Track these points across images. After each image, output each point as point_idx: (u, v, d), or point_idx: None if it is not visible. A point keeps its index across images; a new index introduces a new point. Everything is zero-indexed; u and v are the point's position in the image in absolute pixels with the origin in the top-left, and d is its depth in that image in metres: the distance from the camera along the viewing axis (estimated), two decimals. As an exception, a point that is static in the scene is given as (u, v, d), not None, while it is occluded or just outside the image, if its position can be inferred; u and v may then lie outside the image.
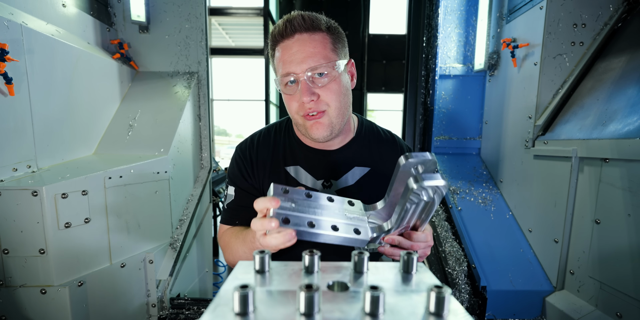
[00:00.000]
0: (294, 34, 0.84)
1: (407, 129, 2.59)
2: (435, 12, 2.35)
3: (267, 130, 1.04)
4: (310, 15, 0.86)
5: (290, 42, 0.84)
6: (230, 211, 0.99)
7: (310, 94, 0.83)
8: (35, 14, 1.50)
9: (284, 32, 0.84)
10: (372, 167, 1.00)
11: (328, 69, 0.84)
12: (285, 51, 0.84)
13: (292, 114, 0.91)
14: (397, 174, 0.61)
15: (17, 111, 1.32)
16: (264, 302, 0.34)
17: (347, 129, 0.98)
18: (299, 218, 0.61)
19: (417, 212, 0.63)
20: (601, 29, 1.69)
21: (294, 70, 0.83)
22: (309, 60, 0.82)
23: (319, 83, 0.84)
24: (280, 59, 0.86)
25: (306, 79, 0.83)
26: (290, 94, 0.87)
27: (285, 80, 0.85)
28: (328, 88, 0.85)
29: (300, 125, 0.90)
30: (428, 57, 2.45)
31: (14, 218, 1.22)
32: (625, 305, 1.27)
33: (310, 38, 0.84)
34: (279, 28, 0.85)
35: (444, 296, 0.32)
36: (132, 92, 2.07)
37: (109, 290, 1.49)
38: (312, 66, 0.82)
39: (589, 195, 1.45)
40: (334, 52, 0.86)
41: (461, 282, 1.81)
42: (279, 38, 0.86)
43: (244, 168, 0.98)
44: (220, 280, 3.06)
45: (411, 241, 0.69)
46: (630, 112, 1.35)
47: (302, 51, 0.83)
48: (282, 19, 0.86)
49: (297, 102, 0.86)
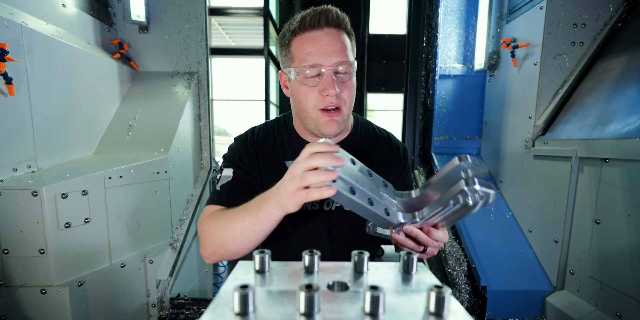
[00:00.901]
0: (324, 27, 0.84)
1: (407, 129, 2.59)
2: (435, 12, 2.35)
3: (266, 126, 1.03)
4: (341, 13, 0.87)
5: (320, 34, 0.84)
6: (226, 192, 0.91)
7: (336, 86, 0.83)
8: (35, 14, 1.50)
9: (316, 23, 0.83)
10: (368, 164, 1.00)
11: (349, 67, 0.85)
12: (314, 42, 0.83)
13: (306, 107, 0.88)
14: (447, 172, 0.60)
15: (17, 111, 1.32)
16: (264, 302, 0.34)
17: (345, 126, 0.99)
18: (343, 181, 0.58)
19: (452, 213, 0.62)
20: (601, 29, 1.69)
21: (323, 63, 0.82)
22: (338, 54, 0.83)
23: (341, 79, 0.85)
24: (306, 49, 0.84)
25: (332, 73, 0.83)
26: (311, 86, 0.85)
27: (310, 72, 0.84)
28: (347, 86, 0.86)
29: (313, 120, 0.88)
30: (428, 57, 2.45)
31: (14, 218, 1.22)
32: (625, 305, 1.27)
33: (339, 34, 0.85)
34: (311, 17, 0.84)
35: (444, 296, 0.32)
36: (132, 92, 2.07)
37: (109, 290, 1.49)
38: (341, 61, 0.83)
39: (589, 195, 1.45)
40: (352, 53, 0.88)
41: (461, 282, 1.80)
42: (308, 27, 0.84)
43: (245, 155, 0.96)
44: (220, 280, 3.06)
45: (428, 237, 0.68)
46: (630, 112, 1.35)
47: (333, 45, 0.83)
48: (313, 10, 0.85)
49: (316, 95, 0.85)
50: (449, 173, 0.60)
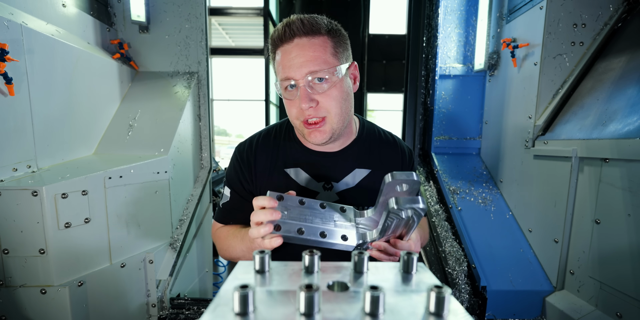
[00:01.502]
0: (293, 38, 0.82)
1: (407, 129, 2.59)
2: (435, 12, 2.35)
3: (267, 132, 1.03)
4: (310, 18, 0.83)
5: (289, 47, 0.83)
6: (224, 211, 1.02)
7: (309, 100, 0.82)
8: (35, 14, 1.50)
9: (283, 36, 0.83)
10: (373, 169, 1.00)
11: (328, 75, 0.82)
12: (284, 55, 0.83)
13: (292, 119, 0.90)
14: (382, 189, 0.65)
15: (17, 111, 1.32)
16: (264, 302, 0.34)
17: (348, 131, 0.97)
18: (290, 225, 0.66)
19: (400, 226, 0.68)
20: (601, 29, 1.69)
21: (292, 75, 0.82)
22: (308, 64, 0.81)
23: (318, 89, 0.83)
24: (280, 63, 0.85)
25: (305, 85, 0.82)
26: (290, 99, 0.86)
27: (285, 85, 0.84)
28: (328, 94, 0.84)
29: (300, 131, 0.90)
30: (428, 57, 2.45)
31: (14, 218, 1.22)
32: (625, 305, 1.27)
33: (310, 42, 0.82)
34: (279, 32, 0.84)
35: (444, 296, 0.32)
36: (132, 92, 2.07)
37: (109, 290, 1.49)
38: (312, 70, 0.81)
39: (589, 195, 1.45)
40: (334, 57, 0.84)
41: (461, 282, 1.81)
42: (278, 42, 0.84)
43: (241, 172, 0.98)
44: (220, 280, 3.06)
45: (395, 248, 0.73)
46: (630, 112, 1.35)
47: (302, 55, 0.81)
48: (282, 23, 0.84)
49: (297, 108, 0.85)
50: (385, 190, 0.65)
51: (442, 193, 2.20)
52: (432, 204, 2.20)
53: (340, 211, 0.73)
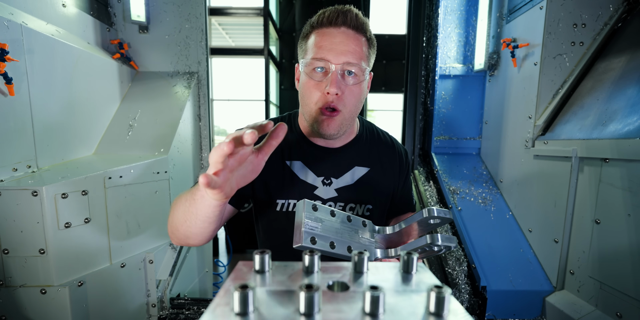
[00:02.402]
0: (342, 26, 0.83)
1: (407, 129, 2.59)
2: (435, 12, 2.35)
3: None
4: (363, 17, 0.86)
5: (335, 31, 0.83)
6: None
7: (338, 87, 0.82)
8: (35, 14, 1.50)
9: (334, 20, 0.83)
10: (371, 168, 1.00)
11: (358, 72, 0.84)
12: (327, 37, 0.83)
13: (308, 102, 0.88)
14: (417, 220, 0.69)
15: (17, 111, 1.32)
16: (264, 302, 0.34)
17: (350, 129, 0.98)
18: (324, 238, 0.65)
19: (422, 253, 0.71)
20: (601, 29, 1.69)
21: (330, 59, 0.82)
22: (349, 55, 0.82)
23: (347, 81, 0.84)
24: (318, 43, 0.84)
25: (338, 72, 0.82)
26: (316, 80, 0.85)
27: (316, 65, 0.84)
28: (352, 89, 0.85)
29: (313, 117, 0.88)
30: (428, 57, 2.45)
31: (14, 218, 1.22)
32: (625, 305, 1.27)
33: (355, 36, 0.84)
34: (330, 14, 0.84)
35: (444, 296, 0.32)
36: (132, 92, 2.07)
37: (109, 290, 1.49)
38: (350, 62, 0.82)
39: (589, 195, 1.45)
40: (366, 59, 0.87)
41: (461, 282, 1.81)
42: (325, 23, 0.84)
43: None
44: (220, 280, 3.06)
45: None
46: (630, 112, 1.35)
47: (345, 44, 0.82)
48: (335, 8, 0.85)
49: (320, 92, 0.85)
50: (419, 221, 0.68)
51: (442, 193, 2.20)
52: (432, 204, 2.20)
53: (362, 225, 0.74)
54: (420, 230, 0.71)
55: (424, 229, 0.71)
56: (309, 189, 0.96)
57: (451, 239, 0.66)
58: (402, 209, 1.10)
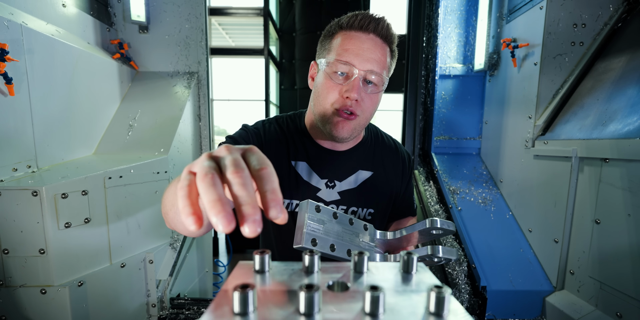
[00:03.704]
0: (371, 32, 0.83)
1: (407, 129, 2.59)
2: (435, 12, 2.35)
3: (276, 120, 1.01)
4: (391, 28, 0.86)
5: (364, 36, 0.83)
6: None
7: (359, 93, 0.82)
8: (35, 14, 1.50)
9: (365, 25, 0.83)
10: (375, 172, 1.00)
11: (379, 81, 0.84)
12: (355, 41, 0.83)
13: (324, 102, 0.86)
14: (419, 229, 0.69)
15: (17, 111, 1.32)
16: (264, 302, 0.34)
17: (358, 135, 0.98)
18: (325, 240, 0.65)
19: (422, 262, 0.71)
20: (601, 29, 1.69)
21: (356, 64, 0.81)
22: (374, 63, 0.82)
23: (367, 89, 0.84)
24: (345, 46, 0.83)
25: (361, 78, 0.82)
26: (337, 83, 0.84)
27: (339, 68, 0.83)
28: (371, 97, 0.85)
29: (326, 118, 0.87)
30: (428, 57, 2.45)
31: (14, 218, 1.22)
32: (625, 305, 1.27)
33: (382, 46, 0.84)
34: (362, 18, 0.84)
35: (444, 296, 0.32)
36: (132, 92, 2.07)
37: (109, 290, 1.49)
38: (373, 70, 0.82)
39: (589, 195, 1.45)
40: (387, 70, 0.87)
41: (461, 282, 1.80)
42: (355, 25, 0.84)
43: (253, 138, 0.93)
44: (220, 280, 3.06)
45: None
46: (630, 112, 1.35)
47: (373, 52, 0.82)
48: (367, 13, 0.85)
49: (339, 94, 0.84)
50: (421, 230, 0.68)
51: (442, 193, 2.20)
52: (432, 204, 2.20)
53: (363, 229, 0.73)
54: (421, 238, 0.71)
55: (426, 238, 0.71)
56: (312, 190, 0.95)
57: (452, 252, 0.66)
58: (404, 213, 1.09)
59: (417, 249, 0.68)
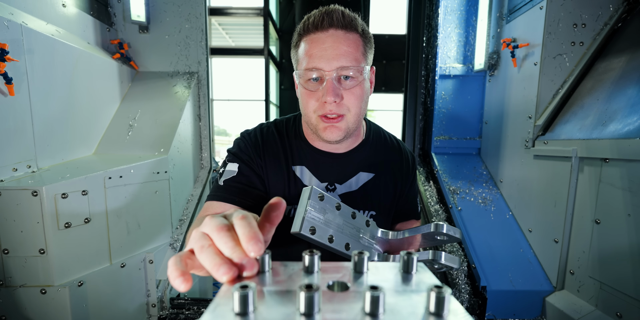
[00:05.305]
0: (329, 28, 0.79)
1: (407, 129, 2.59)
2: (435, 12, 2.35)
3: (275, 125, 0.99)
4: (350, 13, 0.81)
5: (323, 36, 0.79)
6: (229, 188, 0.85)
7: (335, 94, 0.78)
8: (35, 14, 1.50)
9: (320, 24, 0.78)
10: (377, 173, 0.98)
11: (356, 73, 0.80)
12: (316, 44, 0.79)
13: (307, 111, 0.85)
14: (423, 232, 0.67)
15: (17, 111, 1.32)
16: (264, 302, 0.34)
17: (357, 133, 0.95)
18: (323, 230, 0.63)
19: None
20: (601, 29, 1.69)
21: (322, 67, 0.78)
22: (341, 58, 0.77)
23: (345, 85, 0.80)
24: (308, 52, 0.79)
25: (333, 79, 0.79)
26: (311, 90, 0.82)
27: (310, 76, 0.80)
28: (352, 92, 0.81)
29: (313, 125, 0.86)
30: (428, 57, 2.45)
31: (14, 218, 1.22)
32: (625, 305, 1.27)
33: (345, 36, 0.79)
34: (315, 19, 0.79)
35: (444, 296, 0.32)
36: (132, 92, 2.07)
37: (109, 290, 1.49)
38: (343, 65, 0.78)
39: (589, 195, 1.45)
40: (363, 56, 0.82)
41: (461, 282, 1.80)
42: (311, 29, 0.80)
43: (252, 152, 0.92)
44: (220, 280, 3.06)
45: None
46: (630, 112, 1.35)
47: (336, 48, 0.78)
48: (319, 10, 0.81)
49: (318, 101, 0.82)
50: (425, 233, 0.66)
51: (442, 193, 2.20)
52: (432, 204, 2.20)
53: (365, 225, 0.71)
54: (424, 243, 0.68)
55: (428, 243, 0.68)
56: None
57: (454, 260, 0.64)
58: (407, 216, 1.07)
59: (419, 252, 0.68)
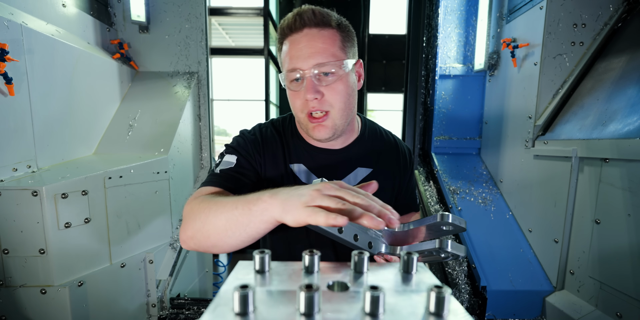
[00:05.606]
0: (302, 28, 0.81)
1: (407, 129, 2.59)
2: (435, 12, 2.35)
3: (272, 124, 1.01)
4: (321, 10, 0.84)
5: (298, 36, 0.82)
6: (225, 175, 0.85)
7: (314, 91, 0.81)
8: (35, 14, 1.50)
9: (293, 26, 0.82)
10: (375, 169, 0.99)
11: (335, 68, 0.82)
12: (292, 45, 0.82)
13: (295, 111, 0.88)
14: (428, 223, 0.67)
15: (17, 111, 1.32)
16: (264, 302, 0.34)
17: (350, 129, 0.97)
18: None
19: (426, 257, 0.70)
20: (601, 29, 1.69)
21: (300, 66, 0.81)
22: (316, 56, 0.80)
23: (324, 82, 0.82)
24: (287, 54, 0.83)
25: (312, 76, 0.81)
26: (295, 91, 0.85)
27: (291, 77, 0.83)
28: (333, 88, 0.83)
29: (304, 124, 0.88)
30: (428, 57, 2.45)
31: (14, 218, 1.22)
32: (625, 305, 1.27)
33: (320, 34, 0.81)
34: (288, 21, 0.83)
35: (444, 296, 0.32)
36: (132, 92, 2.07)
37: (109, 290, 1.49)
38: (319, 63, 0.80)
39: (589, 195, 1.45)
40: (342, 51, 0.84)
41: (461, 282, 1.80)
42: (287, 31, 0.83)
43: (251, 148, 0.93)
44: (220, 280, 3.06)
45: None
46: (630, 112, 1.35)
47: (310, 46, 0.80)
48: (292, 12, 0.84)
49: (301, 100, 0.84)
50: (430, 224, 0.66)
51: (442, 193, 2.20)
52: (432, 204, 2.20)
53: None
54: (429, 235, 0.69)
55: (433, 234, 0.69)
56: None
57: (460, 248, 0.64)
58: (407, 208, 1.08)
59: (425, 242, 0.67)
